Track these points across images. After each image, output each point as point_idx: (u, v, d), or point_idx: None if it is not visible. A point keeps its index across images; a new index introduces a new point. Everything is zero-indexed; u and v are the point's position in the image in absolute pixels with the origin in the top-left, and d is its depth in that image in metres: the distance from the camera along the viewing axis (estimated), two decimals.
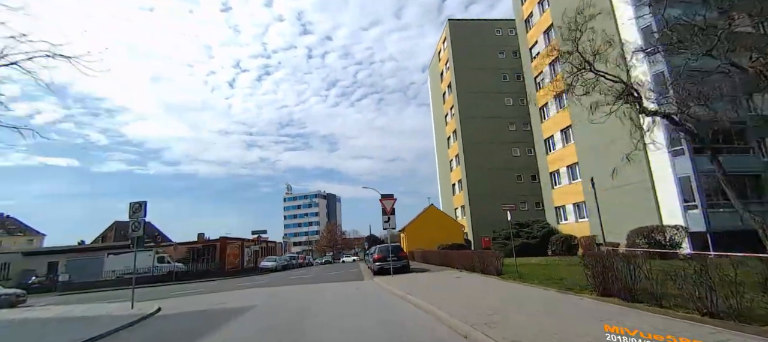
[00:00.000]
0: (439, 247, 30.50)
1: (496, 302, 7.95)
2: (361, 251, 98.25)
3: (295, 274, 26.95)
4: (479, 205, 37.49)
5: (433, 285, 12.25)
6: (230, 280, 27.96)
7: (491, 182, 38.44)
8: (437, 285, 12.19)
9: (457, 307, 7.55)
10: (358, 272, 22.94)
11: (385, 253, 18.23)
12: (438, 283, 12.62)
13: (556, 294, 8.53)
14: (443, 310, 7.37)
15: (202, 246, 33.02)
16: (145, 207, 13.55)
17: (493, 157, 39.18)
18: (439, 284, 12.36)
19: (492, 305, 7.57)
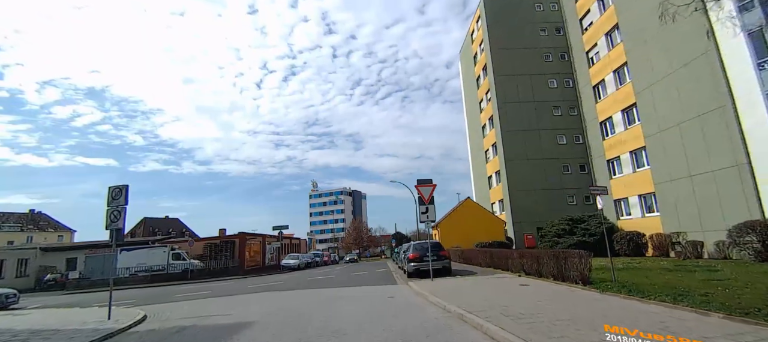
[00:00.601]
0: (477, 246, 26.94)
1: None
2: (387, 249, 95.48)
3: (316, 274, 24.21)
4: (520, 199, 33.47)
5: (498, 296, 8.89)
6: (247, 279, 25.57)
7: (533, 173, 34.30)
8: (503, 297, 8.82)
9: None
10: (387, 273, 19.84)
11: (422, 251, 14.99)
12: (503, 294, 9.24)
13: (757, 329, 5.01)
14: None
15: (220, 242, 30.95)
16: (126, 193, 10.92)
17: (536, 146, 34.97)
18: (506, 296, 8.97)
19: None
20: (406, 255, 15.96)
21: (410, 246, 15.94)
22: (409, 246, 16.52)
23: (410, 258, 15.07)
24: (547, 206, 33.36)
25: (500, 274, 14.44)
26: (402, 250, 21.31)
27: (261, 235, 36.15)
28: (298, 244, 52.05)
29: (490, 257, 16.83)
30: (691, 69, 20.13)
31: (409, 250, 15.91)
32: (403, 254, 17.82)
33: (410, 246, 15.94)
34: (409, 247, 16.07)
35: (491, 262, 16.77)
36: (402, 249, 21.65)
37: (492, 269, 16.32)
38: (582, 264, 9.54)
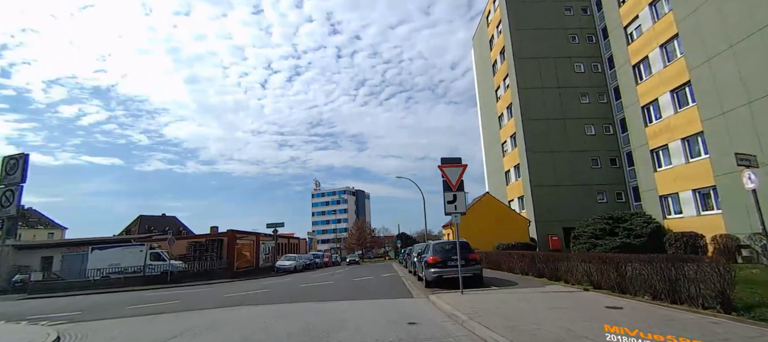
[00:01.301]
0: (499, 247, 23.31)
1: None
2: (390, 250, 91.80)
3: (313, 279, 20.70)
4: (543, 196, 29.78)
5: (595, 330, 5.22)
6: (232, 284, 22.10)
7: (558, 167, 30.60)
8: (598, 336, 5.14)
9: None
10: (396, 279, 16.28)
11: (445, 254, 11.45)
12: (597, 323, 5.58)
13: None
14: None
15: (205, 241, 27.54)
16: (24, 166, 7.42)
17: (561, 137, 31.28)
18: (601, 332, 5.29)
19: None
20: (424, 258, 12.37)
21: (428, 246, 12.32)
22: (426, 246, 12.90)
23: (430, 262, 11.48)
24: (573, 204, 29.69)
25: (552, 285, 10.82)
26: (415, 252, 17.75)
27: (254, 234, 32.71)
28: (297, 244, 48.60)
29: (530, 262, 13.18)
30: (765, 36, 16.52)
31: (427, 252, 12.32)
32: (418, 257, 14.22)
33: (428, 246, 12.32)
34: (428, 248, 12.46)
35: (531, 267, 13.14)
36: (414, 250, 18.08)
37: (534, 277, 12.69)
38: (720, 276, 5.91)
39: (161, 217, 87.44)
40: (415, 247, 18.32)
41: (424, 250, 12.91)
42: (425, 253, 12.57)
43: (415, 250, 17.72)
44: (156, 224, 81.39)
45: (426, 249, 12.78)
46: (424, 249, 13.12)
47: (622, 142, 30.96)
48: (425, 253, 12.57)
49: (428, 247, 12.30)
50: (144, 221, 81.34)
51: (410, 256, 19.95)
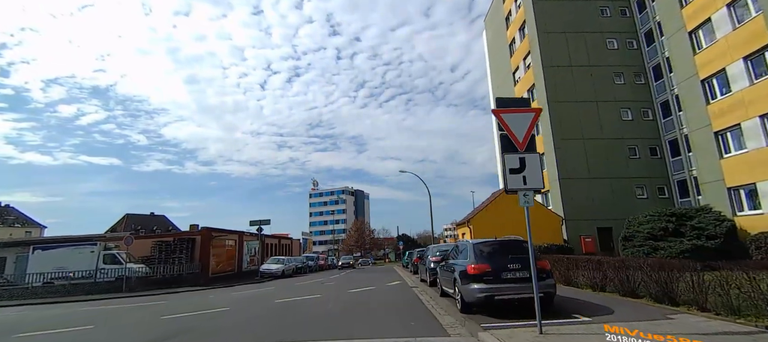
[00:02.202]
0: None
1: None
2: (391, 252, 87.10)
3: (299, 288, 16.38)
4: (574, 191, 25.45)
5: None
6: (198, 293, 17.75)
7: (591, 158, 26.29)
8: None
9: None
10: (407, 293, 11.98)
11: (498, 259, 7.13)
12: None
13: None
14: None
15: (174, 240, 23.10)
16: None
17: (593, 122, 26.99)
18: None
19: None
20: (457, 266, 7.96)
21: (467, 248, 7.86)
22: (462, 248, 8.47)
23: (472, 273, 7.08)
24: (608, 201, 25.40)
25: (676, 314, 6.45)
26: (430, 254, 13.40)
27: (237, 233, 28.31)
28: (290, 245, 44.17)
29: (613, 274, 8.75)
30: None
31: (464, 257, 7.91)
32: (444, 265, 9.81)
33: (467, 248, 7.86)
34: (465, 251, 8.02)
35: (604, 278, 8.76)
36: (430, 252, 13.72)
37: (617, 296, 8.34)
38: None
39: (150, 216, 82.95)
40: (431, 249, 13.94)
41: (458, 254, 8.51)
42: (460, 257, 8.17)
43: (432, 253, 13.38)
44: (144, 223, 76.74)
45: (461, 251, 8.38)
46: (457, 251, 8.73)
47: (664, 129, 26.69)
48: (460, 257, 8.17)
49: (466, 249, 7.87)
50: (130, 220, 76.75)
51: (422, 260, 15.60)
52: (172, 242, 22.90)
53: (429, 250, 14.51)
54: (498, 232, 19.91)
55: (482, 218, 21.09)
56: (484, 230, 20.39)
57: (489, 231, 20.23)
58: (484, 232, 20.45)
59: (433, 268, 12.44)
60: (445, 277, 9.37)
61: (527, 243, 6.33)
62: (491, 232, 20.12)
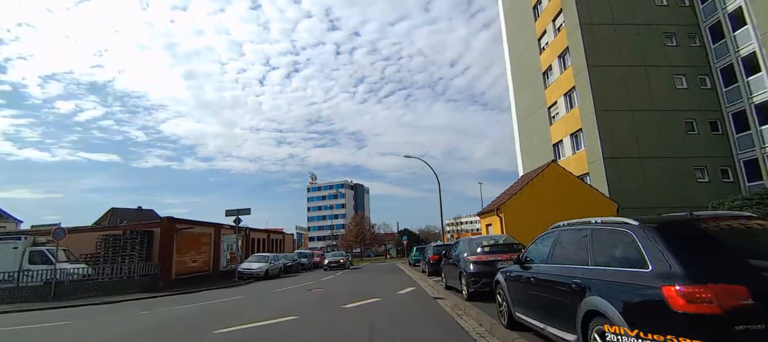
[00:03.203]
0: None
1: None
2: (392, 248, 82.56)
3: (271, 298, 11.88)
4: (621, 172, 20.83)
5: None
6: (144, 301, 13.19)
7: (640, 133, 21.67)
8: None
9: None
10: (430, 308, 7.47)
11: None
12: None
13: None
14: None
15: (125, 233, 18.40)
16: None
17: (642, 91, 22.34)
18: None
19: None
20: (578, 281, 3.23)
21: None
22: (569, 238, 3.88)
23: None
24: (663, 185, 20.84)
25: None
26: (467, 251, 8.76)
27: (212, 225, 23.66)
28: (282, 241, 39.58)
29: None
30: None
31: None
32: (517, 274, 5.10)
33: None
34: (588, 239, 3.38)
35: None
36: (467, 248, 9.02)
37: None
38: None
39: (137, 210, 78.11)
40: (467, 243, 9.25)
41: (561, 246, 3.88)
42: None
43: (468, 249, 8.76)
44: (130, 218, 71.82)
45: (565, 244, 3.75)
46: (556, 245, 4.09)
47: (726, 99, 22.05)
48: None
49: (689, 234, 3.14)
50: (116, 214, 71.97)
51: (447, 258, 10.94)
52: (122, 236, 18.21)
53: (460, 244, 9.84)
54: (538, 224, 15.25)
55: (515, 205, 16.47)
56: (519, 220, 15.80)
57: (524, 220, 15.64)
58: (518, 222, 15.86)
59: (476, 271, 7.88)
60: (512, 294, 4.75)
61: None
62: (527, 223, 15.50)
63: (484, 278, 7.94)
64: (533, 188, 16.52)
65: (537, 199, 16.42)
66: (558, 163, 18.06)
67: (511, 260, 8.05)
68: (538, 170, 17.95)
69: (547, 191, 16.50)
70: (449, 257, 10.53)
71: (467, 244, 9.10)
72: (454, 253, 10.16)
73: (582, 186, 17.24)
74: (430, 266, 15.73)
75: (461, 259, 8.90)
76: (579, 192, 16.91)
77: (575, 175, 18.32)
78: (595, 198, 17.09)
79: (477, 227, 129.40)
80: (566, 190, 16.71)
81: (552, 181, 16.76)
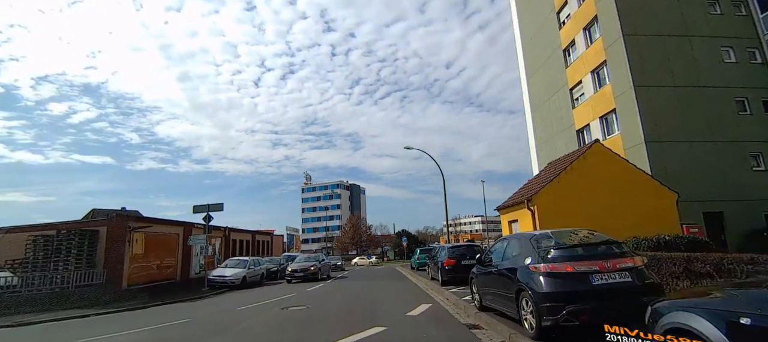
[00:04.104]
0: (639, 247, 10.94)
1: None
2: (390, 250, 78.91)
3: (241, 311, 8.44)
4: (665, 158, 17.53)
5: None
6: (61, 325, 9.63)
7: (685, 112, 18.41)
8: None
9: None
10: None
11: None
12: None
13: None
14: None
15: (58, 233, 14.77)
16: None
17: (685, 65, 19.10)
18: None
19: None
20: None
21: None
22: None
23: None
24: (714, 174, 17.60)
25: None
26: (537, 260, 5.26)
27: (180, 224, 20.08)
28: (270, 243, 35.96)
29: None
30: None
31: None
32: None
33: None
34: None
35: None
36: (536, 253, 5.47)
37: None
38: None
39: (120, 211, 73.53)
40: (538, 240, 5.67)
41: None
42: None
43: (536, 255, 5.27)
44: None
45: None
46: None
47: None
48: None
49: None
50: (97, 215, 67.60)
51: (489, 265, 7.36)
52: (56, 237, 14.58)
53: (513, 244, 6.30)
54: (579, 217, 11.88)
55: (551, 196, 13.02)
56: (557, 213, 12.40)
57: (564, 214, 12.25)
58: (557, 216, 12.46)
59: (554, 291, 4.53)
60: None
61: None
62: (567, 216, 12.09)
63: (571, 303, 4.56)
64: (573, 174, 13.12)
65: (578, 187, 13.03)
66: (602, 143, 14.68)
67: (616, 271, 4.71)
68: (578, 152, 14.50)
69: (591, 177, 13.11)
70: (488, 264, 7.07)
71: (528, 243, 5.64)
72: (498, 258, 6.71)
73: (633, 171, 13.82)
74: (445, 273, 12.28)
75: (520, 270, 5.45)
76: (630, 178, 13.51)
77: (625, 159, 14.86)
78: (649, 185, 13.69)
79: (476, 228, 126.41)
80: (614, 175, 13.30)
81: (596, 164, 13.39)
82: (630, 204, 13.10)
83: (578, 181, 13.21)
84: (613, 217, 12.57)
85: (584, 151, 14.04)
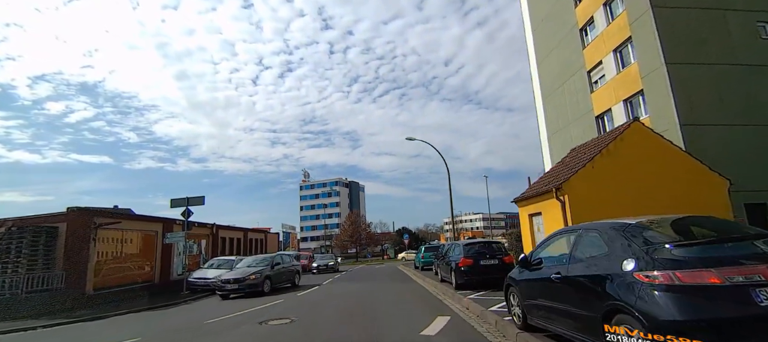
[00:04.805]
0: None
1: None
2: (390, 248, 77.00)
3: (209, 324, 6.43)
4: (704, 143, 15.59)
5: None
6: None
7: (724, 93, 16.49)
8: None
9: None
10: None
11: None
12: None
13: None
14: None
15: (10, 229, 12.72)
16: None
17: (720, 41, 17.16)
18: None
19: None
20: None
21: None
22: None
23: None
24: (757, 161, 15.71)
25: None
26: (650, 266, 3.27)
27: (159, 220, 18.08)
28: (264, 241, 33.97)
29: None
30: None
31: None
32: None
33: None
34: None
35: None
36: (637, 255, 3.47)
37: None
38: None
39: (113, 209, 71.42)
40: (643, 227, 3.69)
41: None
42: None
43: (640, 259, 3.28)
44: None
45: None
46: None
47: None
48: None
49: None
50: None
51: (528, 266, 5.41)
52: (6, 234, 12.56)
53: (582, 234, 4.32)
54: (616, 204, 9.96)
55: (585, 182, 11.03)
56: (591, 204, 10.47)
57: (601, 203, 10.33)
58: (588, 201, 10.54)
59: (684, 319, 2.55)
60: None
61: None
62: (604, 206, 10.16)
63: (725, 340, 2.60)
64: (609, 158, 11.18)
65: (615, 172, 11.08)
66: (642, 122, 12.66)
67: None
68: (615, 132, 12.35)
69: (629, 161, 11.17)
70: (537, 266, 5.09)
71: (621, 236, 3.69)
72: (557, 259, 4.78)
73: (678, 154, 11.89)
74: (461, 275, 10.33)
75: (615, 279, 3.54)
76: (674, 162, 11.58)
77: (669, 140, 12.81)
78: (697, 171, 11.75)
79: (477, 226, 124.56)
80: (655, 158, 11.36)
81: (635, 146, 11.43)
82: (674, 191, 11.15)
83: (615, 165, 11.27)
84: (655, 206, 10.54)
85: (622, 130, 12.05)
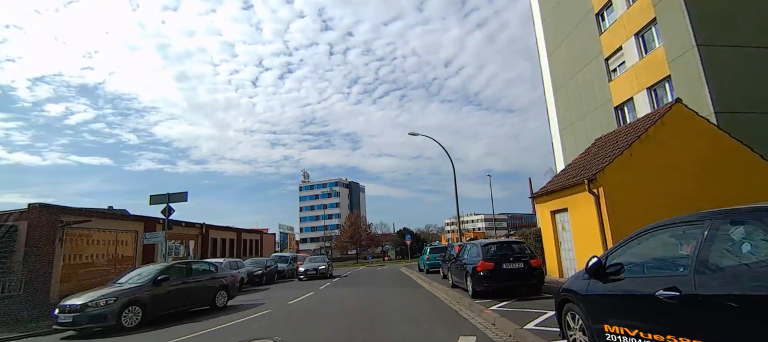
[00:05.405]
0: None
1: None
2: (391, 249, 75.38)
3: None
4: (742, 133, 14.08)
5: None
6: None
7: (759, 78, 14.99)
8: None
9: None
10: None
11: None
12: None
13: None
14: None
15: None
16: None
17: (750, 23, 15.67)
18: None
19: None
20: None
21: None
22: None
23: None
24: None
25: None
26: None
27: (141, 219, 16.56)
28: (259, 242, 32.46)
29: None
30: None
31: None
32: None
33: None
34: None
35: None
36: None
37: None
38: None
39: (107, 210, 69.89)
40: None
41: None
42: None
43: None
44: None
45: None
46: None
47: None
48: None
49: None
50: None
51: (608, 274, 3.83)
52: None
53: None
54: (659, 198, 8.44)
55: (623, 173, 9.45)
56: (631, 198, 8.93)
57: (642, 198, 8.82)
58: (627, 194, 9.01)
59: None
60: None
61: None
62: (645, 201, 8.65)
63: None
64: (649, 144, 9.62)
65: (655, 160, 9.53)
66: (685, 104, 11.06)
67: None
68: (654, 116, 10.59)
69: (671, 148, 9.63)
70: (639, 278, 3.56)
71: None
72: (698, 266, 3.22)
73: (726, 141, 10.32)
74: (480, 281, 8.77)
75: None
76: (722, 149, 10.03)
77: (715, 124, 11.20)
78: (748, 160, 10.21)
79: (479, 227, 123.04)
80: (701, 146, 9.83)
81: (677, 131, 9.89)
82: (724, 183, 9.62)
83: (656, 152, 9.75)
84: (703, 200, 9.11)
85: (662, 113, 10.48)
